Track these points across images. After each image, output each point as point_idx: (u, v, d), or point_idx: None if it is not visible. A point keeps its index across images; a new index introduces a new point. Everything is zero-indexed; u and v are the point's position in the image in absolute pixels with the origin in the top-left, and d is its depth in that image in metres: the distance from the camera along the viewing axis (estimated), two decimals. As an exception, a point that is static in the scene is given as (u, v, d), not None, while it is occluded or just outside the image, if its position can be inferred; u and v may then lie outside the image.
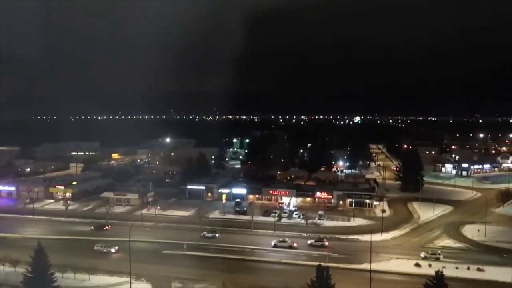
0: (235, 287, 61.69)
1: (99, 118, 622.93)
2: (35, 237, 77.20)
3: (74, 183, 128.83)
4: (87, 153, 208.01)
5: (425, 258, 73.30)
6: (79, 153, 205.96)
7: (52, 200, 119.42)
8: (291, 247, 79.23)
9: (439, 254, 74.31)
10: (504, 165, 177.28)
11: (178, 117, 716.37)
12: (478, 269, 68.50)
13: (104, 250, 77.57)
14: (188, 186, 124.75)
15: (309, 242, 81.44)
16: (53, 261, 57.13)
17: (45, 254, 55.83)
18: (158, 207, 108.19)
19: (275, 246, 79.71)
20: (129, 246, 64.85)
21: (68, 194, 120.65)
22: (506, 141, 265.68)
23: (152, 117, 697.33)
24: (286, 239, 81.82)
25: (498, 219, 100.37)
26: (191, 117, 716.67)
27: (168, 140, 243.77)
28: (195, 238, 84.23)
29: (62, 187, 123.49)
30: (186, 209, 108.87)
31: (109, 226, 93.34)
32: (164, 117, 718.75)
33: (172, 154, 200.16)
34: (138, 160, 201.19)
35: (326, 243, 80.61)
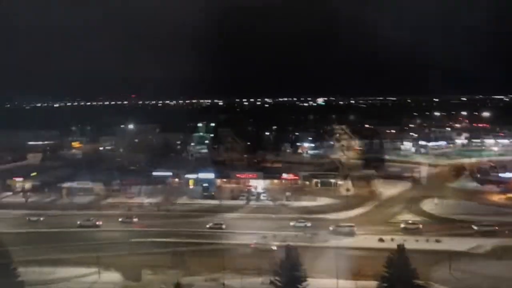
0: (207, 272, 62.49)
1: (55, 105, 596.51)
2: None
3: (34, 174, 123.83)
4: (45, 142, 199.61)
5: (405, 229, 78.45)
6: (37, 143, 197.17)
7: (11, 193, 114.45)
8: (95, 225, 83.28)
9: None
10: (458, 141, 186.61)
11: (140, 102, 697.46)
12: (436, 241, 72.97)
13: None
14: (154, 173, 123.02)
15: (120, 219, 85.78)
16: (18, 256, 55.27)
17: (7, 248, 53.86)
18: (125, 196, 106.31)
19: (80, 226, 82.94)
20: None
21: (27, 186, 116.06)
22: (460, 119, 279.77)
23: (113, 103, 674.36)
24: (91, 218, 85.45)
25: (453, 192, 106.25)
26: (153, 102, 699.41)
27: (131, 126, 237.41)
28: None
29: (21, 179, 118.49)
30: (153, 196, 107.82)
31: None
32: (125, 102, 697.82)
33: (137, 140, 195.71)
34: (101, 148, 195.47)
35: (135, 219, 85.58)
